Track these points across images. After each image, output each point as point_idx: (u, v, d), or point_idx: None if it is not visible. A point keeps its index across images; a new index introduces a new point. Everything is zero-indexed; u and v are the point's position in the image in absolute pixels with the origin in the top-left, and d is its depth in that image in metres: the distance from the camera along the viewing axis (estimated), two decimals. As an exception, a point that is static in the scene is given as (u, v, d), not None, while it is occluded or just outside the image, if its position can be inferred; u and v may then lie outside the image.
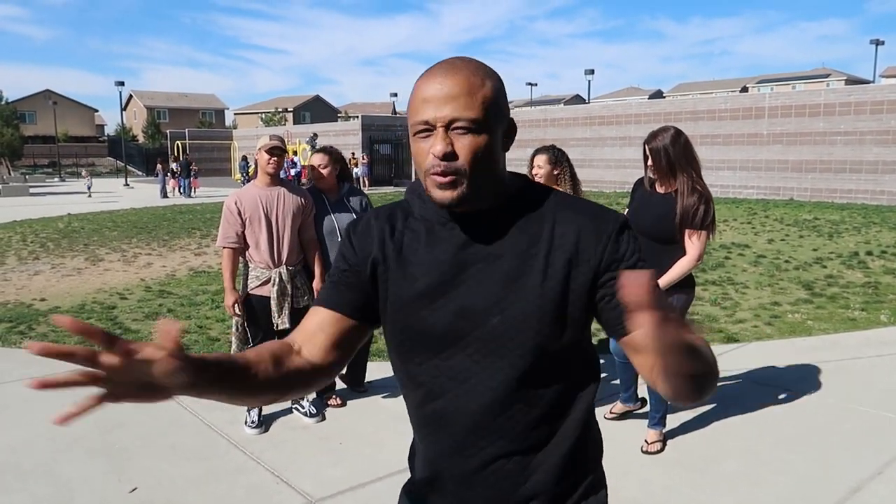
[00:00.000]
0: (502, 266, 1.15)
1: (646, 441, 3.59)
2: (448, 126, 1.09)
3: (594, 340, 5.63)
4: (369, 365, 4.73)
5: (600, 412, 3.96)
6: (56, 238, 13.40)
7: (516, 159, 4.29)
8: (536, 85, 53.43)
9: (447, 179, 1.10)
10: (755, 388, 4.52)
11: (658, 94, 76.49)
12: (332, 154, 4.21)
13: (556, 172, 3.94)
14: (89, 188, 27.53)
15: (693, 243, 3.29)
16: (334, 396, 4.37)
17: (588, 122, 24.03)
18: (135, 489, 3.23)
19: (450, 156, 1.09)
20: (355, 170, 26.69)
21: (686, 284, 3.44)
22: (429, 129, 1.10)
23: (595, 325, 1.20)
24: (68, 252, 11.49)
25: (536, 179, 3.44)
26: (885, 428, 3.84)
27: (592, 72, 33.96)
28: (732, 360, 5.13)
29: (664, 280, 3.27)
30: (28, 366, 5.18)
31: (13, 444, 3.75)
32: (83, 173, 29.39)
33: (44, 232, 14.50)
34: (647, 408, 3.80)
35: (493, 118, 1.12)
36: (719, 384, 4.57)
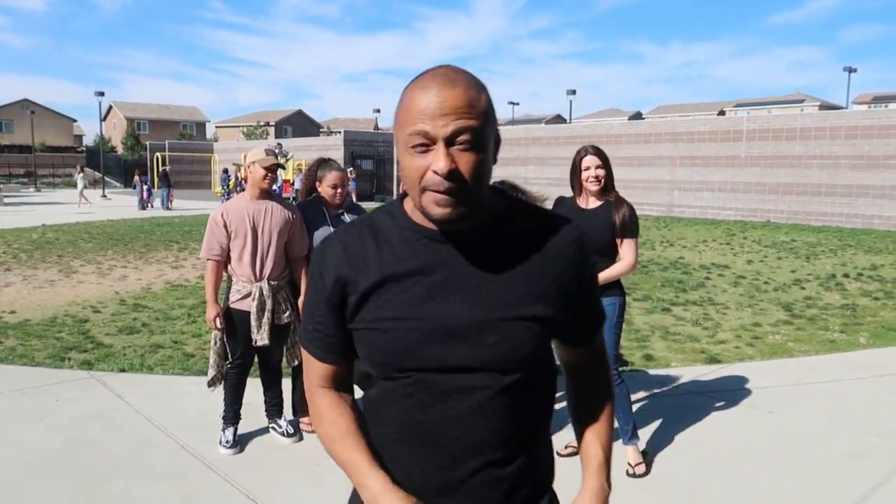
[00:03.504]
0: (487, 285, 1.14)
1: (629, 464, 3.53)
2: (449, 142, 1.06)
3: None
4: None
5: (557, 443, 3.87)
6: (29, 249, 13.12)
7: (495, 177, 4.24)
8: (518, 104, 53.89)
9: (449, 198, 1.07)
10: (739, 411, 4.49)
11: (638, 116, 77.49)
12: (341, 168, 4.14)
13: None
14: (84, 188, 27.04)
15: (631, 249, 3.46)
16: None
17: (570, 141, 24.21)
18: (103, 512, 3.11)
19: (454, 174, 1.06)
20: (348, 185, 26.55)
21: (619, 287, 3.57)
22: (427, 143, 1.06)
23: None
24: (41, 263, 11.24)
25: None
26: (869, 451, 3.82)
27: (574, 92, 34.31)
28: (716, 382, 5.11)
29: (603, 276, 3.39)
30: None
31: (-25, 464, 3.59)
32: (77, 174, 28.77)
33: (16, 242, 14.20)
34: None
35: (490, 132, 1.11)
36: (704, 404, 4.55)
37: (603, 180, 3.44)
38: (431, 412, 1.16)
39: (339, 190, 3.98)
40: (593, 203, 3.51)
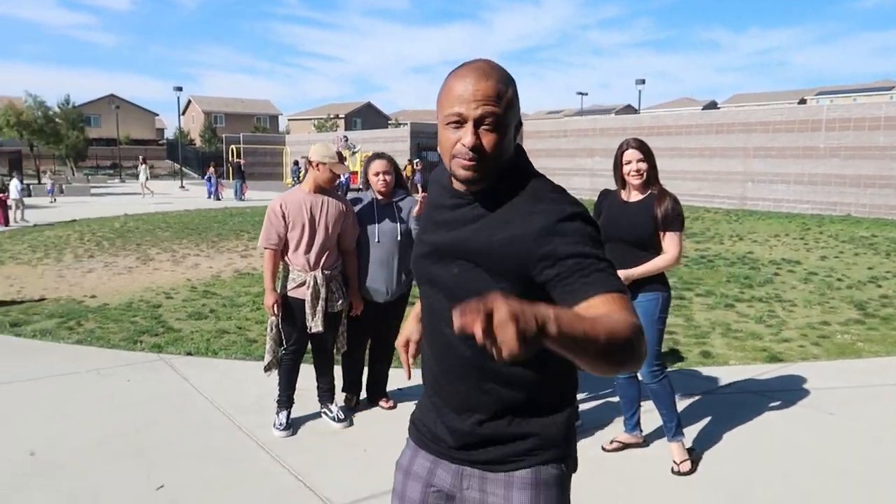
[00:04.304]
0: (494, 233, 1.39)
1: (674, 461, 3.48)
2: (477, 122, 1.33)
3: None
4: (396, 373, 4.73)
5: (596, 441, 3.84)
6: (111, 237, 13.87)
7: (562, 168, 4.26)
8: (587, 94, 52.91)
9: (471, 164, 1.36)
10: (797, 412, 4.35)
11: (712, 105, 74.89)
12: (392, 160, 4.26)
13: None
14: (146, 179, 28.31)
15: (674, 243, 3.40)
16: (385, 398, 4.46)
17: (637, 132, 23.66)
18: (161, 487, 3.30)
19: (477, 147, 1.34)
20: (415, 177, 26.92)
21: (663, 282, 3.49)
22: (460, 121, 1.35)
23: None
24: (121, 251, 11.88)
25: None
26: (934, 459, 3.64)
27: (643, 81, 33.47)
28: (775, 381, 4.95)
29: (641, 269, 3.36)
30: (72, 361, 5.36)
31: (52, 439, 3.87)
32: (140, 165, 30.15)
33: (100, 231, 15.03)
34: (651, 435, 3.69)
35: (511, 119, 1.38)
36: (760, 403, 4.43)
37: (645, 174, 3.40)
38: (427, 318, 1.56)
39: (381, 177, 4.12)
40: (636, 196, 3.47)
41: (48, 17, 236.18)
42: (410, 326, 1.74)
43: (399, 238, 4.14)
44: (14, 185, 17.81)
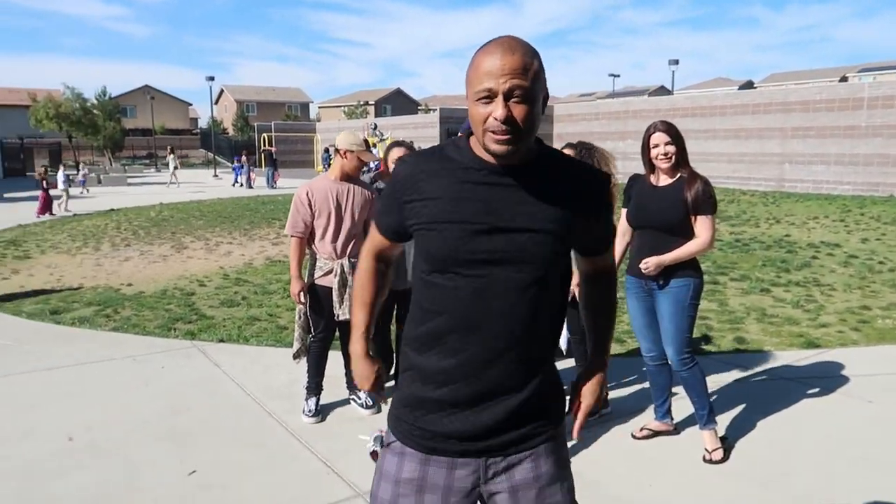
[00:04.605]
0: (524, 204, 1.47)
1: (706, 450, 3.42)
2: (507, 96, 1.37)
3: (623, 350, 5.35)
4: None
5: (626, 428, 3.80)
6: (147, 226, 14.14)
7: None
8: (619, 76, 52.18)
9: (505, 137, 1.39)
10: (835, 399, 4.24)
11: (749, 85, 73.09)
12: (412, 147, 4.25)
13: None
14: (174, 169, 28.64)
15: (706, 227, 3.31)
16: None
17: (670, 113, 23.23)
18: (193, 472, 3.36)
19: (509, 119, 1.38)
20: None
21: (695, 268, 3.41)
22: (490, 96, 1.38)
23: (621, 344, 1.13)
24: (156, 240, 12.10)
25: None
26: (980, 449, 3.51)
27: (677, 62, 32.75)
28: (812, 367, 4.84)
29: (673, 255, 3.29)
30: (109, 347, 5.48)
31: (89, 424, 3.96)
32: (168, 155, 30.43)
33: (137, 220, 15.33)
34: (680, 421, 3.62)
35: (539, 90, 1.41)
36: (796, 390, 4.32)
37: (673, 157, 3.31)
38: (471, 300, 1.48)
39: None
40: (665, 180, 3.39)
41: (84, 10, 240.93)
42: (368, 367, 1.73)
43: None
44: (60, 177, 18.40)
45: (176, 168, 29.19)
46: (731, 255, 9.58)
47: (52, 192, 17.14)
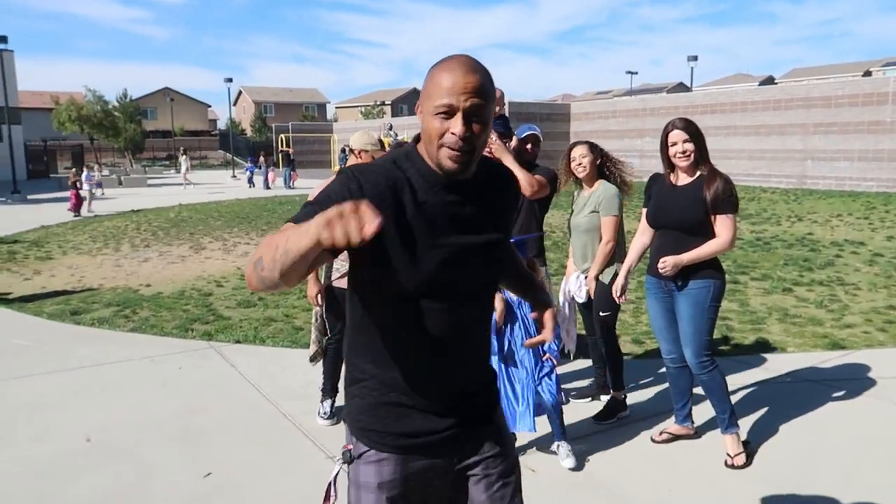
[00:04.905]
0: (475, 220, 1.53)
1: (728, 454, 3.34)
2: (467, 113, 1.40)
3: (642, 351, 5.28)
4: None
5: (646, 432, 3.73)
6: (166, 227, 14.24)
7: (612, 150, 4.16)
8: (637, 73, 51.79)
9: (459, 154, 1.42)
10: (861, 401, 4.13)
11: (769, 81, 72.15)
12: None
13: (598, 163, 3.96)
14: (187, 170, 28.71)
15: (726, 227, 3.22)
16: None
17: (689, 110, 22.98)
18: (209, 474, 3.34)
19: (467, 137, 1.41)
20: None
21: (716, 268, 3.31)
22: (449, 112, 1.40)
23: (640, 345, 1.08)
24: (175, 240, 12.18)
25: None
26: None
27: (696, 58, 32.43)
28: (837, 369, 4.73)
29: (691, 255, 3.20)
30: (127, 348, 5.51)
31: (106, 424, 3.97)
32: (181, 156, 30.49)
33: (156, 221, 15.45)
34: (703, 427, 3.54)
35: (492, 111, 1.47)
36: (821, 393, 4.22)
37: (692, 154, 3.23)
38: (441, 323, 1.51)
39: None
40: (685, 179, 3.31)
41: (104, 12, 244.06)
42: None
43: None
44: (86, 178, 18.79)
45: (188, 169, 29.33)
46: (752, 253, 9.43)
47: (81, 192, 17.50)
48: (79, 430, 3.89)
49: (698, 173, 3.29)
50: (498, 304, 3.20)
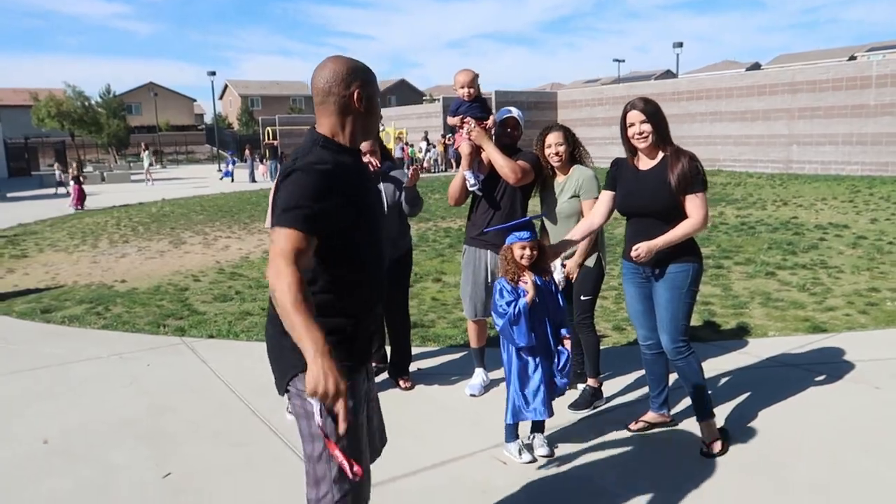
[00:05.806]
0: None
1: (704, 442, 3.27)
2: None
3: (623, 339, 5.18)
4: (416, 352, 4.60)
5: (621, 420, 3.65)
6: (147, 222, 14.05)
7: (599, 137, 4.07)
8: (624, 61, 51.69)
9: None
10: (841, 386, 4.07)
11: (756, 67, 72.22)
12: (378, 139, 4.37)
13: (571, 150, 3.89)
14: (149, 166, 27.67)
15: (697, 206, 3.09)
16: (405, 378, 4.33)
17: (675, 97, 22.91)
18: (168, 475, 3.23)
19: None
20: (448, 152, 27.10)
21: (694, 252, 3.20)
22: None
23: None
24: (155, 235, 12.01)
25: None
26: None
27: (681, 45, 32.41)
28: (817, 353, 4.66)
29: (664, 239, 3.06)
30: (97, 346, 5.37)
31: (69, 425, 3.85)
32: (143, 152, 28.92)
33: (137, 216, 15.25)
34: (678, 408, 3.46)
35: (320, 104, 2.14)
36: (800, 377, 4.16)
37: (650, 136, 3.12)
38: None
39: (366, 157, 4.12)
40: (648, 163, 3.20)
41: (86, 8, 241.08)
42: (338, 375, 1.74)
43: (387, 206, 4.13)
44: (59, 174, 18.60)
45: (151, 164, 28.51)
46: (737, 238, 9.38)
47: (59, 190, 17.21)
48: (38, 432, 3.77)
49: (661, 154, 3.17)
50: (530, 287, 3.07)
